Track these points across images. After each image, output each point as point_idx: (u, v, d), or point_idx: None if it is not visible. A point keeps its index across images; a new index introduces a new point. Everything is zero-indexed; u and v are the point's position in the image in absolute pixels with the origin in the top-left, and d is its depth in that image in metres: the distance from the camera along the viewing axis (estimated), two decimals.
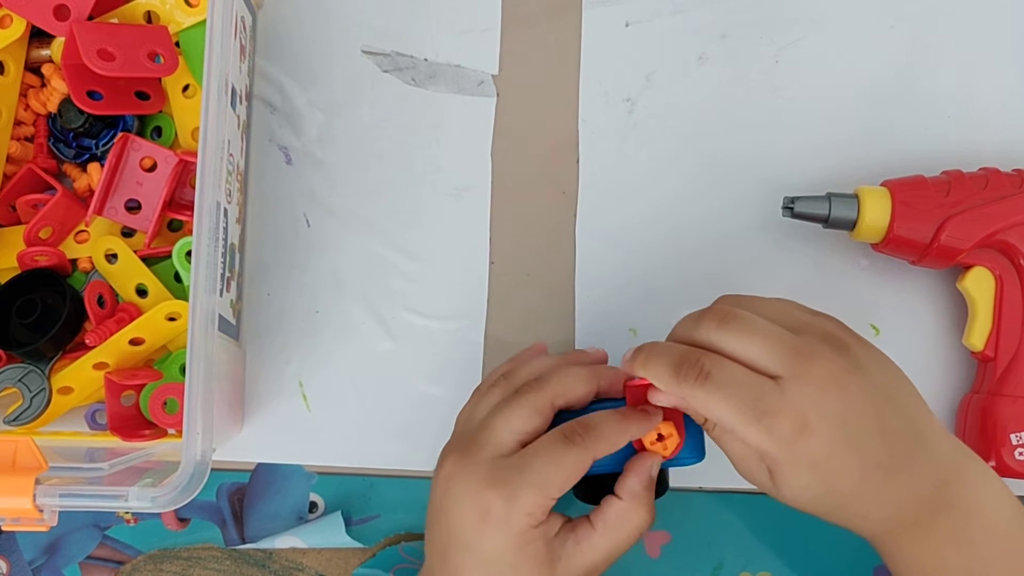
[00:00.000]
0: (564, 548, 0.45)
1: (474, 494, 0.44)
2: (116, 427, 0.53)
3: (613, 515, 0.45)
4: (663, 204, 0.59)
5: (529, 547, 0.44)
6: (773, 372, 0.42)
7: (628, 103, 0.60)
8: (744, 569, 0.57)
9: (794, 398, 0.41)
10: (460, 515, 0.44)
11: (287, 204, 0.59)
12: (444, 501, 0.45)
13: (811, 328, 0.44)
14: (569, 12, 0.61)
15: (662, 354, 0.44)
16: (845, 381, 0.42)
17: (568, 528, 0.46)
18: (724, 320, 0.43)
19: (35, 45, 0.57)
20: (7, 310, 0.54)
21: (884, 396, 0.43)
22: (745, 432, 0.42)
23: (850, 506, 0.43)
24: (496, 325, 0.58)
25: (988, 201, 0.53)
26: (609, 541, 0.45)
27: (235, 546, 0.57)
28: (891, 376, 0.44)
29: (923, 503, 0.43)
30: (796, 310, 0.45)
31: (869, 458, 0.42)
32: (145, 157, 0.55)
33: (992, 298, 0.54)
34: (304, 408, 0.58)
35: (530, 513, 0.43)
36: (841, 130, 0.59)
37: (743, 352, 0.43)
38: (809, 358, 0.42)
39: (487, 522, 0.43)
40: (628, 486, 0.46)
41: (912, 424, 0.43)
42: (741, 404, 0.42)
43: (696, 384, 0.42)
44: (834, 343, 0.43)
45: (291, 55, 0.60)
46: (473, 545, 0.44)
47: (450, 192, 0.59)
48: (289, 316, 0.58)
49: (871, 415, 0.42)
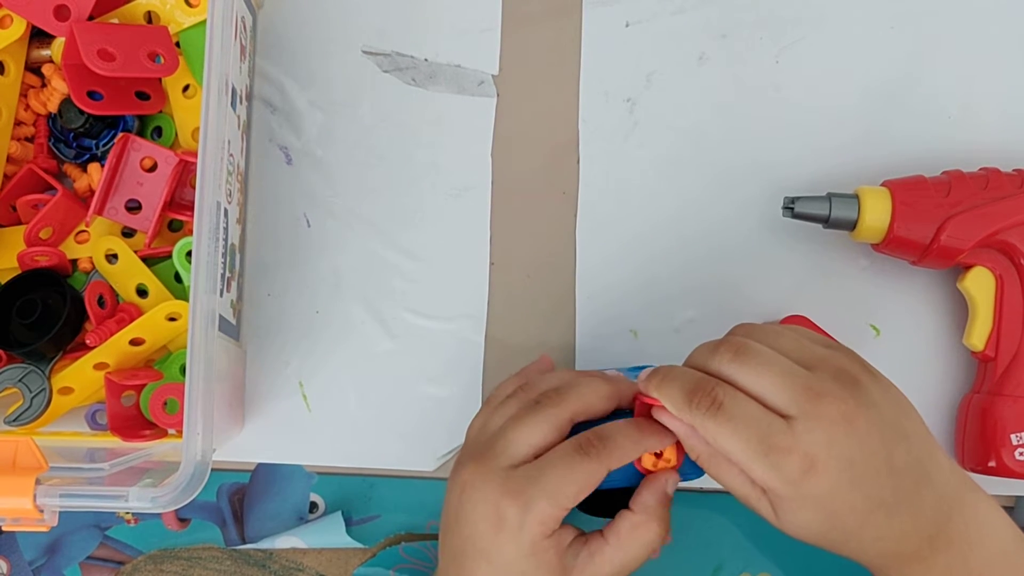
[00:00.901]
0: (576, 560, 0.45)
1: (490, 502, 0.44)
2: (116, 427, 0.53)
3: (626, 529, 0.45)
4: (663, 204, 0.59)
5: (542, 556, 0.44)
6: (784, 409, 0.42)
7: (628, 103, 0.60)
8: (744, 570, 0.57)
9: (804, 437, 0.41)
10: (475, 523, 0.45)
11: (287, 204, 0.59)
12: (460, 508, 0.46)
13: (824, 364, 0.43)
14: (569, 12, 0.61)
15: (677, 379, 0.44)
16: (855, 420, 0.42)
17: (581, 541, 0.46)
18: (738, 353, 0.43)
19: (35, 45, 0.57)
20: (7, 310, 0.54)
21: (893, 432, 0.43)
22: (751, 467, 0.42)
23: (851, 542, 0.43)
24: (496, 325, 0.58)
25: (988, 201, 0.53)
26: (622, 555, 0.45)
27: (235, 546, 0.57)
28: (900, 410, 0.44)
29: (923, 540, 0.43)
30: (810, 343, 0.45)
31: (874, 496, 0.42)
32: (145, 157, 0.55)
33: (992, 298, 0.54)
34: (304, 408, 0.58)
35: (543, 523, 0.44)
36: (841, 130, 0.59)
37: (756, 387, 0.43)
38: (820, 397, 0.42)
39: (502, 530, 0.44)
40: (643, 500, 0.46)
41: (918, 459, 0.43)
42: (750, 439, 0.42)
43: (708, 414, 0.42)
44: (846, 380, 0.43)
45: (291, 55, 0.60)
46: (487, 552, 0.44)
47: (450, 192, 0.59)
48: (289, 316, 0.58)
49: (879, 453, 0.42)
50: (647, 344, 0.58)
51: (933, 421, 0.57)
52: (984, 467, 0.53)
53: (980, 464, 0.53)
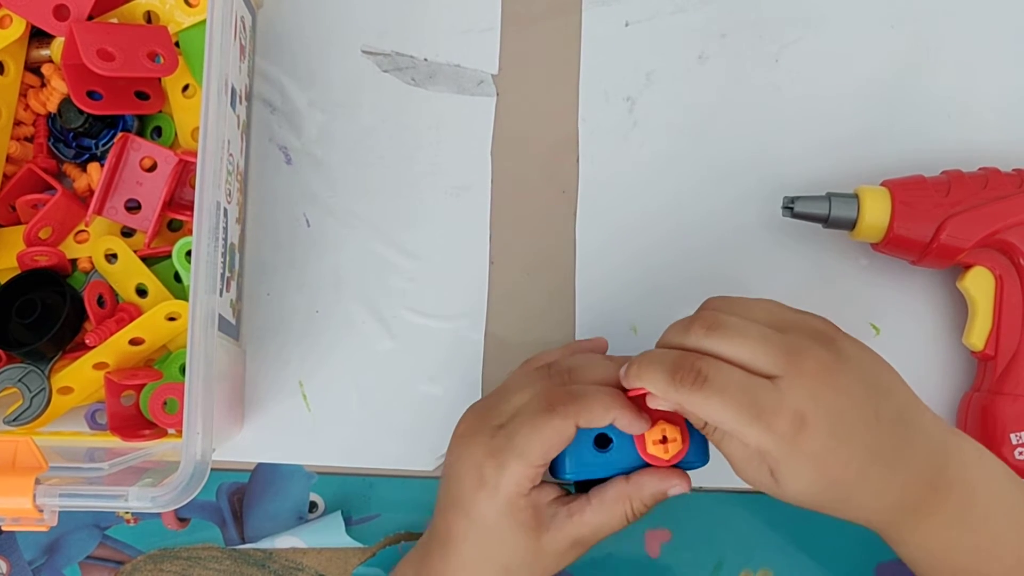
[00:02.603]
0: (554, 519, 0.46)
1: (474, 460, 0.46)
2: (116, 427, 0.53)
3: (613, 496, 0.46)
4: (663, 203, 0.59)
5: (518, 514, 0.46)
6: (767, 372, 0.42)
7: (628, 102, 0.60)
8: (744, 567, 0.57)
9: (790, 395, 0.42)
10: (461, 478, 0.47)
11: (287, 204, 0.59)
12: (452, 460, 0.48)
13: (797, 326, 0.44)
14: (569, 12, 0.61)
15: (655, 361, 0.44)
16: (836, 374, 0.43)
17: (562, 501, 0.47)
18: (712, 326, 0.44)
19: (35, 45, 0.57)
20: (7, 310, 0.54)
21: (874, 385, 0.44)
22: (745, 432, 0.42)
23: (853, 498, 0.44)
24: (496, 324, 0.58)
25: (988, 201, 0.53)
26: (601, 517, 0.46)
27: (235, 546, 0.57)
28: (878, 366, 0.45)
29: (925, 487, 0.43)
30: (781, 310, 0.46)
31: (868, 446, 0.42)
32: (145, 157, 0.55)
33: (992, 298, 0.54)
34: (304, 408, 0.58)
35: (517, 483, 0.45)
36: (841, 130, 0.59)
37: (735, 355, 0.43)
38: (800, 354, 0.42)
39: (481, 488, 0.46)
40: (642, 480, 0.46)
41: (903, 411, 0.44)
42: (739, 405, 0.42)
43: (693, 388, 0.42)
44: (821, 338, 0.44)
45: (291, 55, 0.60)
46: (467, 508, 0.46)
47: (450, 192, 0.59)
48: (289, 316, 0.58)
49: (865, 404, 0.43)
50: (647, 340, 0.57)
51: None
52: None
53: None
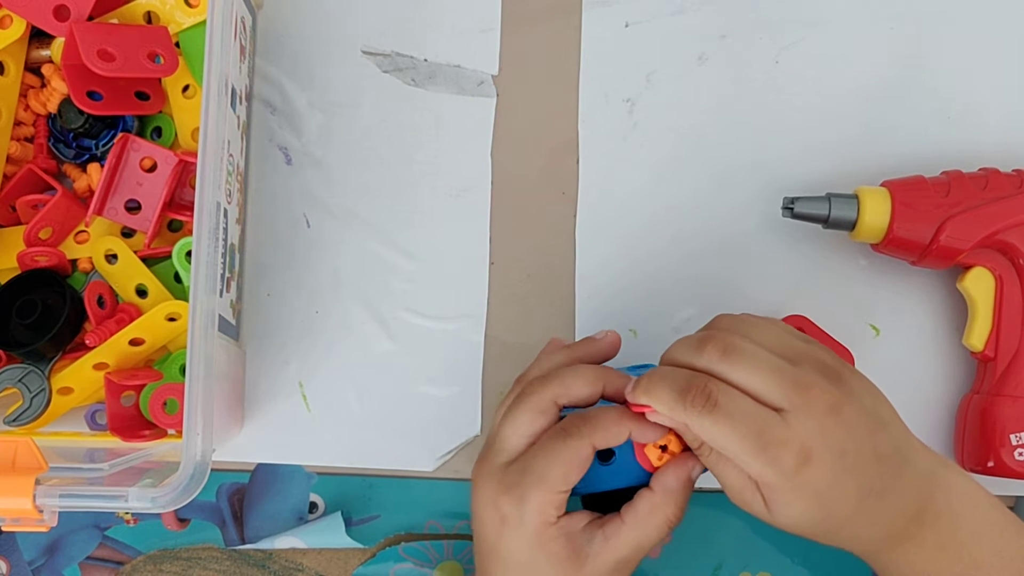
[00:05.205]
0: (592, 545, 0.45)
1: (490, 502, 0.45)
2: (116, 427, 0.53)
3: (646, 509, 0.45)
4: (663, 204, 0.59)
5: (549, 544, 0.45)
6: (775, 404, 0.43)
7: (628, 103, 0.60)
8: (744, 569, 0.57)
9: (798, 430, 0.42)
10: (483, 522, 0.46)
11: (287, 204, 0.59)
12: (473, 509, 0.47)
13: (807, 359, 0.44)
14: (569, 12, 0.61)
15: (666, 379, 0.44)
16: (843, 410, 0.43)
17: (596, 524, 0.46)
18: (727, 351, 0.43)
19: (35, 45, 0.57)
20: (7, 310, 0.54)
21: (875, 421, 0.44)
22: (748, 462, 0.42)
23: (844, 530, 0.44)
24: (496, 325, 0.58)
25: (988, 201, 0.53)
26: (638, 534, 0.45)
27: (235, 546, 0.57)
28: (878, 400, 0.45)
29: (912, 518, 0.44)
30: (791, 339, 0.46)
31: (865, 483, 0.43)
32: (145, 157, 0.55)
33: (992, 298, 0.54)
34: (304, 408, 0.58)
35: (541, 512, 0.44)
36: (841, 130, 0.59)
37: (747, 383, 0.43)
38: (809, 389, 0.43)
39: (505, 527, 0.45)
40: (665, 482, 0.46)
41: (898, 444, 0.44)
42: (747, 435, 0.42)
43: (703, 412, 0.42)
44: (829, 374, 0.44)
45: (291, 55, 0.60)
46: (497, 551, 0.45)
47: (450, 192, 0.59)
48: (289, 316, 0.58)
49: (866, 441, 0.43)
50: (647, 343, 0.58)
51: (932, 421, 0.57)
52: (984, 467, 0.53)
53: (980, 464, 0.53)
